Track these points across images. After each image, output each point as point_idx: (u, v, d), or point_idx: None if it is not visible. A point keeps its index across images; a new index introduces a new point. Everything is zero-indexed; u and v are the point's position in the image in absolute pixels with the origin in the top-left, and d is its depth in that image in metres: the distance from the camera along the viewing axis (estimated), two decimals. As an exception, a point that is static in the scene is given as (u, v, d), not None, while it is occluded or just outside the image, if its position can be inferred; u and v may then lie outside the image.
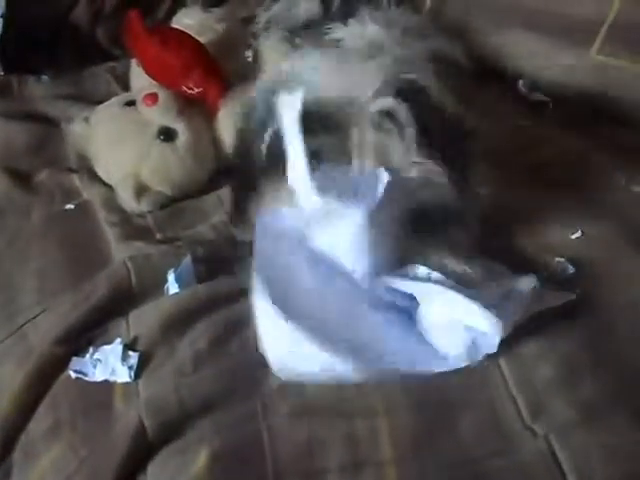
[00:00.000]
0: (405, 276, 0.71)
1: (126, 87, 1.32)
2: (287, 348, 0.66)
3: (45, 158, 1.14)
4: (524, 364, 0.66)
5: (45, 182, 1.07)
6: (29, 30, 1.56)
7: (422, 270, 0.71)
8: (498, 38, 1.27)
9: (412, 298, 0.69)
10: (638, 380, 0.65)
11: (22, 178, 1.08)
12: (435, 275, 0.70)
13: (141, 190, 0.99)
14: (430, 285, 0.69)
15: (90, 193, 1.02)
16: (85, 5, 1.72)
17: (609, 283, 0.75)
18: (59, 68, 1.53)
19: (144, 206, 0.99)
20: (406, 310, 0.70)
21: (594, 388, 0.63)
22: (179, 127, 1.03)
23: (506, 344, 0.65)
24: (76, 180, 1.06)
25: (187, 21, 1.30)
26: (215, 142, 1.06)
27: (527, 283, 0.68)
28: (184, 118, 1.04)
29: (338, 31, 1.00)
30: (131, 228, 0.94)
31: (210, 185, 1.04)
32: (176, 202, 1.01)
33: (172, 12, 1.83)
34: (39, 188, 1.06)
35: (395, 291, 0.70)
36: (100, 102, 1.16)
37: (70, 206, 1.00)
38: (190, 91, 1.06)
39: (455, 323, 0.66)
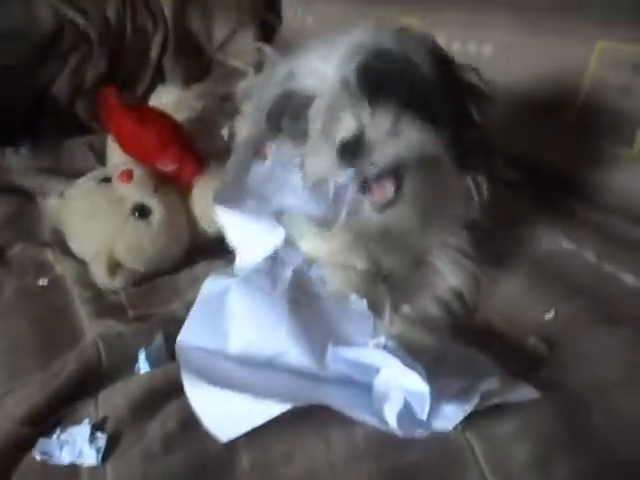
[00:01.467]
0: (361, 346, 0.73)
1: (103, 161, 1.34)
2: (218, 408, 0.68)
3: (19, 232, 1.14)
4: (498, 445, 0.65)
5: (18, 256, 1.07)
6: (9, 102, 1.58)
7: (379, 341, 0.72)
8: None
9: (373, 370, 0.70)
10: (611, 463, 0.65)
11: (-6, 252, 1.08)
12: (390, 344, 0.72)
13: (114, 266, 1.00)
14: (380, 353, 0.70)
15: (63, 268, 1.02)
16: (66, 79, 1.76)
17: (582, 363, 0.76)
18: (38, 140, 1.54)
19: (117, 282, 0.99)
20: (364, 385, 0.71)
21: (570, 471, 0.63)
22: (154, 204, 1.04)
23: (479, 423, 0.65)
24: (50, 255, 1.06)
25: (165, 98, 1.33)
26: (189, 219, 1.07)
27: (489, 384, 0.68)
28: (159, 195, 1.05)
29: None
30: (104, 305, 0.94)
31: (185, 261, 1.04)
32: (150, 279, 1.01)
33: (152, 88, 1.88)
34: (12, 262, 1.05)
35: (351, 363, 0.71)
36: (77, 175, 1.17)
37: (43, 281, 0.99)
38: (165, 168, 1.08)
39: (393, 387, 0.67)
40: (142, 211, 1.03)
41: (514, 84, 1.25)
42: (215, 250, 1.02)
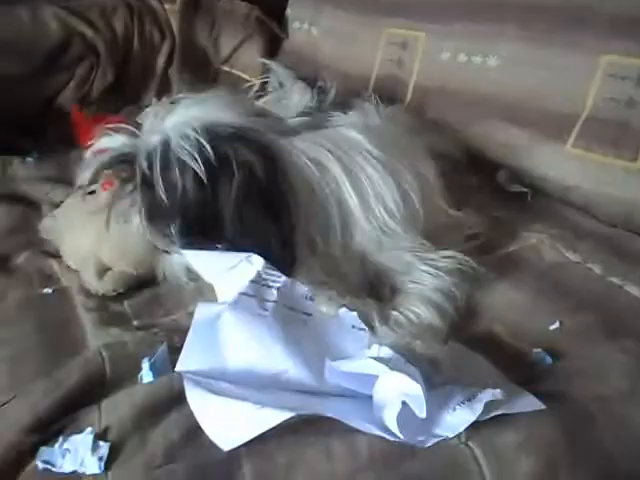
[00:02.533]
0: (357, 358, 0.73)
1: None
2: (220, 416, 0.68)
3: (25, 240, 1.14)
4: (502, 456, 0.65)
5: (23, 265, 1.07)
6: (16, 112, 1.59)
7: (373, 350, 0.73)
8: (476, 129, 1.31)
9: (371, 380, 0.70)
10: (617, 476, 0.65)
11: (0, 260, 1.08)
12: (385, 350, 0.72)
13: (103, 270, 0.99)
14: (375, 362, 0.70)
15: (68, 278, 1.02)
16: (73, 90, 1.77)
17: (586, 374, 0.76)
18: (44, 150, 1.55)
19: (108, 285, 0.99)
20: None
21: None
22: None
23: (483, 433, 0.65)
24: (54, 265, 1.06)
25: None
26: None
27: (494, 395, 0.68)
28: None
29: (339, 119, 1.05)
30: (108, 314, 0.94)
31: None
32: (148, 285, 1.01)
33: (158, 99, 1.89)
34: (17, 271, 1.05)
35: (349, 376, 0.71)
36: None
37: (48, 290, 0.99)
38: None
39: (390, 393, 0.67)
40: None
41: (519, 97, 1.26)
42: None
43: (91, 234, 1.02)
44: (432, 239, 0.96)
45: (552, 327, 0.83)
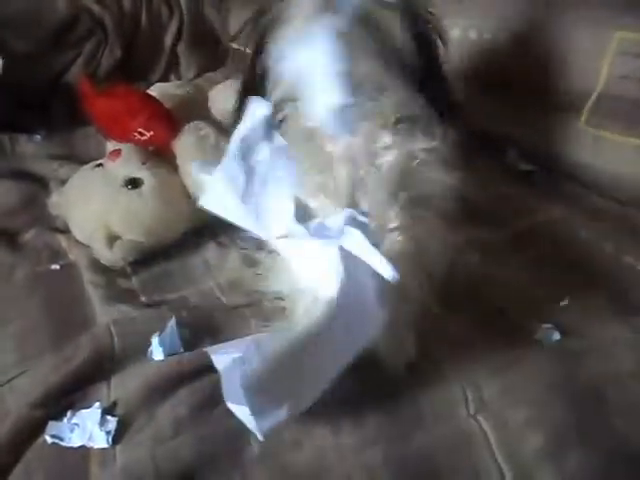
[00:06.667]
0: None
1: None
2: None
3: (33, 217, 1.14)
4: (511, 433, 0.65)
5: (31, 241, 1.07)
6: (24, 89, 1.58)
7: None
8: (488, 106, 1.29)
9: None
10: (626, 454, 0.65)
11: (8, 237, 1.08)
12: None
13: (113, 239, 1.00)
14: None
15: (76, 254, 1.02)
16: (80, 66, 1.76)
17: (596, 351, 0.75)
18: (52, 128, 1.55)
19: (117, 254, 0.98)
20: None
21: (582, 461, 0.63)
22: (144, 175, 1.05)
23: (492, 408, 0.65)
24: (63, 241, 1.06)
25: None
26: (186, 192, 1.06)
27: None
28: (149, 167, 1.06)
29: None
30: (116, 290, 0.94)
31: (193, 243, 1.04)
32: (157, 256, 1.01)
33: (166, 76, 1.89)
34: (25, 247, 1.05)
35: None
36: (91, 162, 1.17)
37: (55, 266, 0.99)
38: (142, 137, 1.10)
39: None
40: (133, 183, 1.04)
41: (529, 73, 1.24)
42: (224, 231, 1.02)
43: (101, 205, 1.03)
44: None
45: (562, 303, 0.82)
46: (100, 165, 1.11)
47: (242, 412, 0.62)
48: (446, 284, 0.78)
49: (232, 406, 0.64)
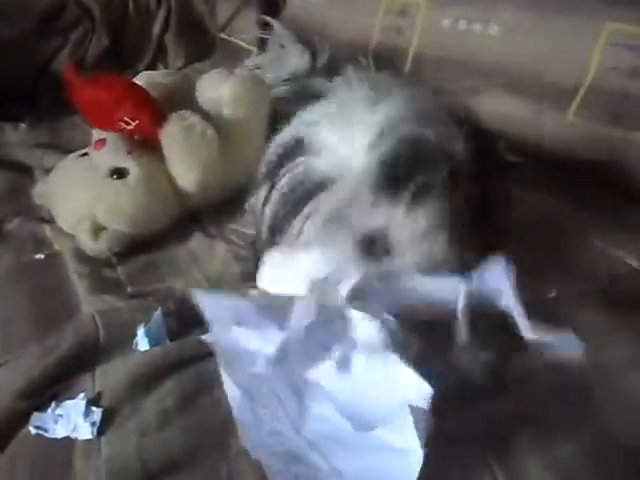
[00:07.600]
0: None
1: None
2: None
3: (17, 206, 1.13)
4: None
5: (15, 231, 1.06)
6: (9, 77, 1.57)
7: None
8: (478, 99, 1.29)
9: None
10: (614, 445, 0.63)
11: (-9, 226, 1.07)
12: None
13: (98, 230, 0.99)
14: None
15: (61, 244, 1.01)
16: (67, 55, 1.75)
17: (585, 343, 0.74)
18: (38, 116, 1.54)
19: (103, 245, 0.98)
20: None
21: (570, 452, 0.62)
22: (129, 165, 1.03)
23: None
24: (47, 230, 1.05)
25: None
26: (172, 183, 1.05)
27: None
28: (134, 156, 1.05)
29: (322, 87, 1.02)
30: (101, 280, 0.93)
31: (179, 233, 1.03)
32: (143, 247, 1.00)
33: (153, 65, 1.88)
34: (9, 237, 1.05)
35: None
36: (77, 151, 1.16)
37: (40, 256, 0.98)
38: (128, 126, 1.08)
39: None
40: (119, 173, 1.03)
41: (519, 65, 1.24)
42: (210, 220, 1.03)
43: (85, 195, 1.02)
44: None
45: (550, 295, 0.82)
46: (85, 154, 1.10)
47: None
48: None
49: None
